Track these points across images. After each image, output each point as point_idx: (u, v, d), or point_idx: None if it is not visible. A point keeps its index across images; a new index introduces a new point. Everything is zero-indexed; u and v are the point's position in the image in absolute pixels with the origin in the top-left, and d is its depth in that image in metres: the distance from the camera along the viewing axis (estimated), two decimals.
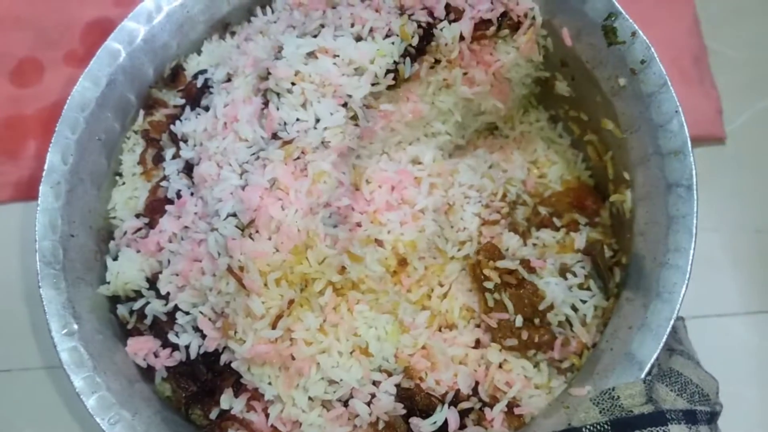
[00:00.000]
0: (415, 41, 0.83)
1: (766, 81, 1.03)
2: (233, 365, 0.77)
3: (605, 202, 0.93)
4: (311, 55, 0.81)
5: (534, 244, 0.90)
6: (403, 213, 0.83)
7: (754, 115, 1.00)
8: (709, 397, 0.70)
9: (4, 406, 0.94)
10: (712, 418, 0.69)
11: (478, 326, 0.83)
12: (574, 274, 0.86)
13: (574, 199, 0.95)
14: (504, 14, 0.88)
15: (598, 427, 0.68)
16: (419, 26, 0.84)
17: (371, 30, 0.83)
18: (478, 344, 0.82)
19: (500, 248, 0.85)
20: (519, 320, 0.80)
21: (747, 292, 0.93)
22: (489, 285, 0.82)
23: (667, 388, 0.70)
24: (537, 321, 0.81)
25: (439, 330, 0.83)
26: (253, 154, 0.79)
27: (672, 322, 0.72)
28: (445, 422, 0.75)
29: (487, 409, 0.77)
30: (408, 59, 0.83)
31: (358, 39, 0.83)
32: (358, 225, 0.81)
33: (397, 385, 0.76)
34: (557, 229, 0.92)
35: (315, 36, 0.83)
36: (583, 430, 0.69)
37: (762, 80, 1.03)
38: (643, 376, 0.71)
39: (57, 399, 0.92)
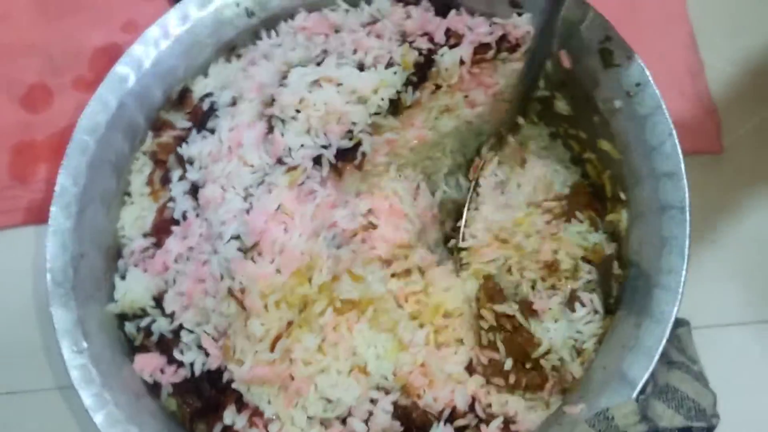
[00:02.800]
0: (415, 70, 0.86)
1: (762, 94, 1.04)
2: (234, 385, 0.79)
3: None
4: (315, 83, 0.83)
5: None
6: None
7: (751, 128, 1.02)
8: (705, 411, 0.71)
9: (19, 427, 0.96)
10: None
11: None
12: (582, 304, 0.86)
13: (586, 201, 0.95)
14: (503, 37, 0.90)
15: None
16: (420, 53, 0.86)
17: (374, 58, 0.85)
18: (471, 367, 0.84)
19: (503, 288, 0.87)
20: (509, 364, 0.82)
21: (744, 301, 0.94)
22: (484, 325, 0.84)
23: (663, 404, 0.72)
24: (529, 365, 0.82)
25: (438, 348, 0.84)
26: (258, 179, 0.82)
27: (663, 342, 0.73)
28: None
29: (483, 426, 0.79)
30: (410, 87, 0.85)
31: (360, 67, 0.85)
32: (363, 241, 0.83)
33: (395, 403, 0.78)
34: (581, 222, 0.91)
35: (318, 64, 0.85)
36: None
37: (759, 94, 1.04)
38: (634, 395, 0.72)
39: (71, 418, 0.94)
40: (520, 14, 0.90)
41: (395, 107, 0.85)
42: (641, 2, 1.09)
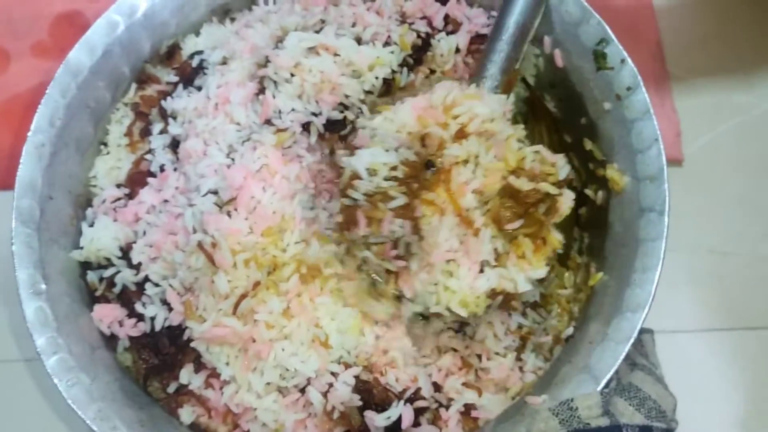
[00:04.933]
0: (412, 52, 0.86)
1: (724, 106, 1.07)
2: (192, 344, 0.77)
3: None
4: (312, 50, 0.82)
5: None
6: None
7: (712, 139, 1.05)
8: (665, 413, 0.71)
9: None
10: None
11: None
12: None
13: None
14: None
15: None
16: (418, 36, 0.87)
17: (372, 34, 0.85)
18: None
19: None
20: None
21: (700, 309, 0.96)
22: None
23: (626, 402, 0.72)
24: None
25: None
26: (243, 137, 0.80)
27: (632, 340, 0.74)
28: (400, 418, 0.75)
29: (443, 410, 0.78)
30: (405, 69, 0.85)
31: (358, 41, 0.85)
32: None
33: (356, 377, 0.77)
34: None
35: (317, 32, 0.85)
36: None
37: (720, 105, 1.07)
38: (599, 388, 0.72)
39: (35, 392, 0.90)
40: None
41: (388, 87, 0.85)
42: (610, 11, 1.10)
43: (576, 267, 0.92)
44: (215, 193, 0.77)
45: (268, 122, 0.80)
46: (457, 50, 0.89)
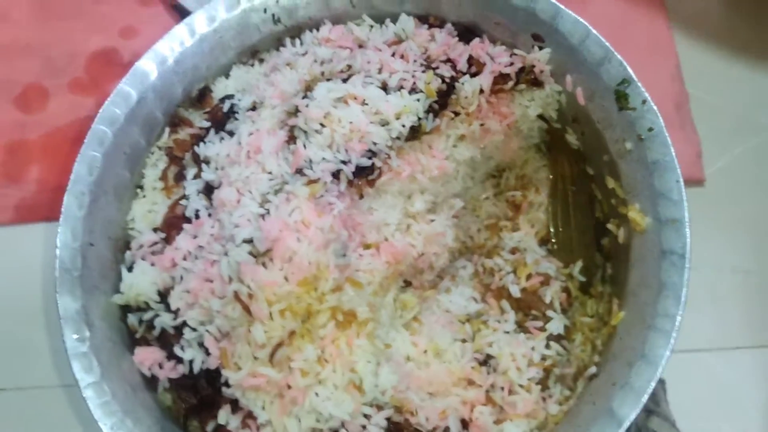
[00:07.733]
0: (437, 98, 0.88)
1: (744, 126, 1.09)
2: (228, 391, 0.80)
3: None
4: (341, 99, 0.85)
5: None
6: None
7: (733, 159, 1.07)
8: None
9: (21, 423, 0.96)
10: None
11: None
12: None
13: None
14: (522, 69, 0.92)
15: None
16: (443, 81, 0.89)
17: (399, 81, 0.87)
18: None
19: None
20: None
21: (723, 328, 0.98)
22: None
23: None
24: None
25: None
26: (275, 186, 0.83)
27: (654, 383, 0.76)
28: None
29: None
30: (431, 114, 0.87)
31: (384, 87, 0.87)
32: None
33: (388, 419, 0.80)
34: None
35: (345, 81, 0.87)
36: None
37: (740, 126, 1.09)
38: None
39: (72, 419, 0.95)
40: (541, 48, 0.92)
41: (414, 132, 0.87)
42: (629, 33, 1.13)
43: (599, 295, 0.94)
44: (250, 242, 0.80)
45: (299, 171, 0.83)
46: (481, 91, 0.90)
